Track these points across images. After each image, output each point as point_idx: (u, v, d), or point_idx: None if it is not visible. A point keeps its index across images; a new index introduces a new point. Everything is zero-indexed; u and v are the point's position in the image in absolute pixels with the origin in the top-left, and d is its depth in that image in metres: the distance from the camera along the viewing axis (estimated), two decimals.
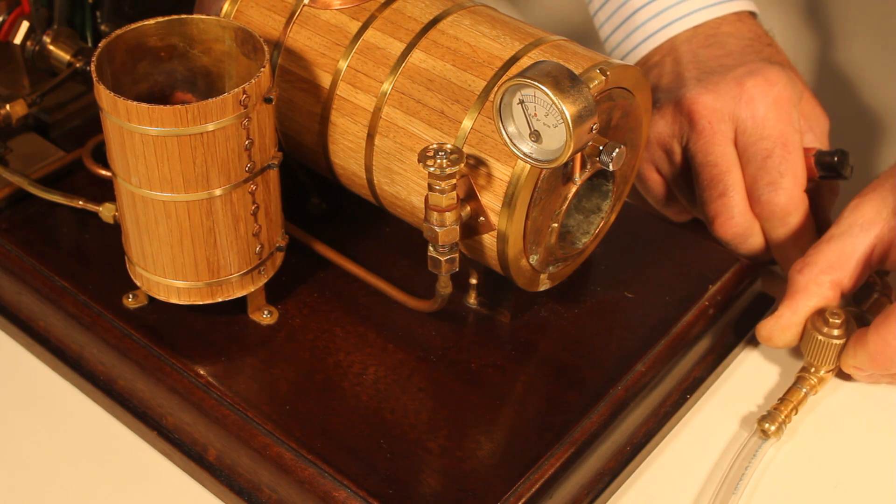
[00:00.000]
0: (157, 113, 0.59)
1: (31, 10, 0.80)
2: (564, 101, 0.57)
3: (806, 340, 0.70)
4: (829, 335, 0.69)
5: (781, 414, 0.68)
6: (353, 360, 0.67)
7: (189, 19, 0.65)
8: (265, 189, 0.65)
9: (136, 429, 0.68)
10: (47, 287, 0.72)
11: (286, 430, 0.63)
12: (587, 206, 0.69)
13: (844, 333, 0.69)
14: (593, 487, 0.65)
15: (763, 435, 0.67)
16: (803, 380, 0.70)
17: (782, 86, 0.75)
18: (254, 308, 0.69)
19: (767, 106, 0.74)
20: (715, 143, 0.75)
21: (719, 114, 0.75)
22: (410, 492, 0.61)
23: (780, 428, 0.67)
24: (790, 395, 0.69)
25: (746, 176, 0.75)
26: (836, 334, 0.69)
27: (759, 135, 0.74)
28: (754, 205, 0.75)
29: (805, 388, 0.69)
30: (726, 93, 0.75)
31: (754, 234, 0.76)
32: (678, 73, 0.78)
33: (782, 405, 0.68)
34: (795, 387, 0.69)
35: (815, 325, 0.69)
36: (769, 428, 0.67)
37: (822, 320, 0.69)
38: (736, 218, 0.75)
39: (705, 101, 0.75)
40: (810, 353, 0.70)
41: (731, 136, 0.75)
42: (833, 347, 0.69)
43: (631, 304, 0.72)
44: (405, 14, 0.67)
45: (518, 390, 0.66)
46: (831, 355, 0.69)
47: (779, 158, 0.74)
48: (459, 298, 0.71)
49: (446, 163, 0.59)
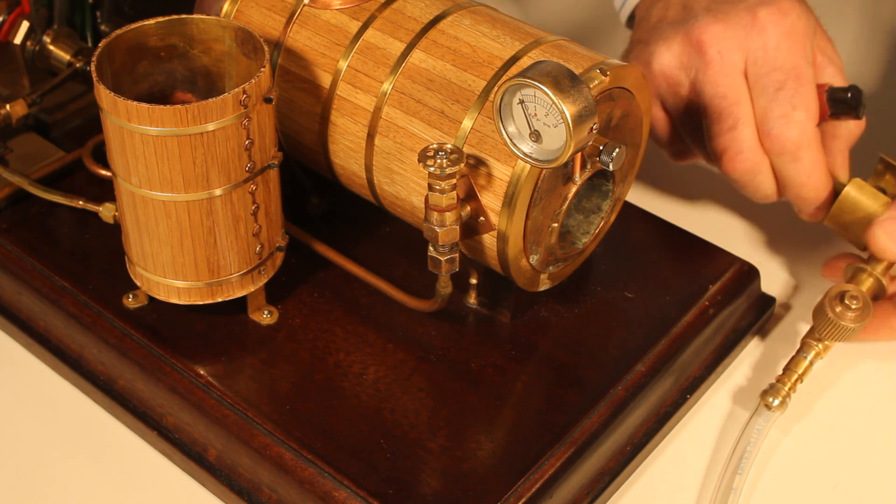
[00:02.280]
0: (157, 113, 0.59)
1: (31, 10, 0.80)
2: (564, 101, 0.57)
3: (818, 311, 0.68)
4: (841, 317, 0.67)
5: (785, 386, 0.66)
6: (353, 360, 0.67)
7: (189, 19, 0.65)
8: (265, 189, 0.65)
9: (136, 429, 0.68)
10: (47, 287, 0.72)
11: (286, 430, 0.63)
12: (587, 206, 0.69)
13: (859, 319, 0.67)
14: (593, 487, 0.65)
15: (767, 408, 0.66)
16: (808, 346, 0.68)
17: (796, 16, 0.72)
18: (254, 308, 0.69)
19: (780, 36, 0.71)
20: (724, 74, 0.72)
21: (730, 43, 0.71)
22: (410, 492, 0.61)
23: (784, 401, 0.66)
24: (794, 364, 0.67)
25: (756, 109, 0.72)
26: (849, 317, 0.67)
27: (770, 66, 0.71)
28: (764, 139, 0.72)
29: (810, 355, 0.68)
30: (737, 22, 0.72)
31: (763, 170, 0.73)
32: (686, 4, 0.75)
33: (785, 376, 0.66)
34: (801, 355, 0.68)
35: (832, 302, 0.67)
36: (772, 402, 0.66)
37: (839, 299, 0.67)
38: (745, 153, 0.72)
39: (715, 30, 0.72)
40: (820, 327, 0.68)
41: (742, 68, 0.72)
42: (843, 330, 0.67)
43: (631, 304, 0.72)
44: (405, 14, 0.67)
45: (518, 390, 0.66)
46: (840, 335, 0.67)
47: (791, 91, 0.71)
48: (459, 298, 0.71)
49: (446, 163, 0.59)
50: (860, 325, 0.68)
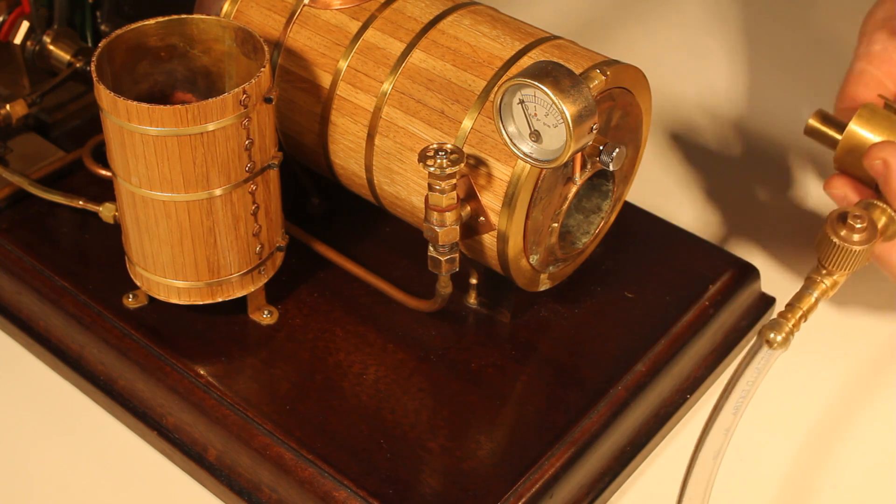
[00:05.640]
0: (157, 113, 0.59)
1: (31, 10, 0.80)
2: (564, 101, 0.57)
3: (822, 241, 0.62)
4: (847, 239, 0.61)
5: (789, 322, 0.60)
6: (353, 360, 0.67)
7: (189, 19, 0.65)
8: (265, 189, 0.65)
9: (136, 429, 0.68)
10: (47, 287, 0.72)
11: (286, 430, 0.63)
12: (587, 206, 0.69)
13: (867, 239, 0.62)
14: (593, 487, 0.65)
15: (768, 345, 0.59)
16: (814, 283, 0.62)
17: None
18: (254, 308, 0.69)
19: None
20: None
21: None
22: (410, 492, 0.61)
23: (787, 338, 0.59)
24: (798, 301, 0.61)
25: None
26: (856, 239, 0.61)
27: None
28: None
29: (816, 292, 0.62)
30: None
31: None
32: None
33: (790, 312, 0.60)
34: (806, 292, 0.62)
35: (834, 226, 0.62)
36: (774, 337, 0.59)
37: (841, 221, 0.62)
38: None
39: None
40: (825, 257, 0.62)
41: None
42: (851, 255, 0.61)
43: (631, 304, 0.72)
44: (405, 14, 0.67)
45: (518, 390, 0.66)
46: (848, 262, 0.62)
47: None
48: (459, 298, 0.71)
49: (446, 163, 0.59)
50: (869, 247, 0.62)
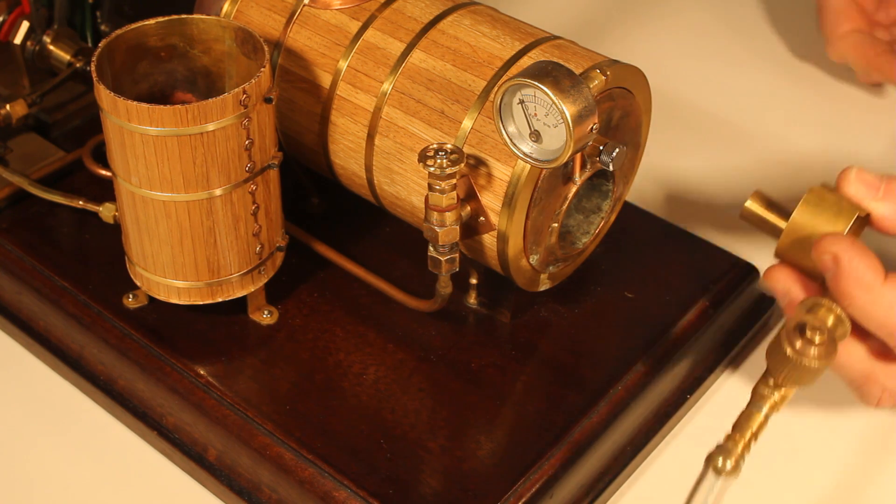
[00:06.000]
0: (157, 113, 0.59)
1: (31, 10, 0.80)
2: (564, 101, 0.57)
3: (774, 350, 0.55)
4: (803, 353, 0.55)
5: (738, 445, 0.55)
6: (353, 360, 0.67)
7: (189, 19, 0.65)
8: (265, 189, 0.65)
9: (136, 429, 0.68)
10: (47, 287, 0.72)
11: (286, 430, 0.63)
12: (587, 206, 0.69)
13: (825, 353, 0.54)
14: (593, 487, 0.65)
15: (716, 472, 0.54)
16: (762, 398, 0.56)
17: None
18: (254, 308, 0.69)
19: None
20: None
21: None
22: (410, 492, 0.61)
23: (737, 464, 0.54)
24: (748, 420, 0.56)
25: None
26: (812, 354, 0.54)
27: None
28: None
29: (765, 408, 0.56)
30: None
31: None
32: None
33: (737, 434, 0.55)
34: (754, 408, 0.56)
35: (790, 336, 0.55)
36: (724, 464, 0.54)
37: (798, 332, 0.55)
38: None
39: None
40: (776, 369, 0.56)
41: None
42: (805, 371, 0.55)
43: (631, 304, 0.72)
44: (405, 14, 0.67)
45: (518, 390, 0.66)
46: (801, 377, 0.55)
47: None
48: (459, 298, 0.71)
49: (446, 163, 0.59)
50: (825, 364, 0.55)
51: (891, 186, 0.60)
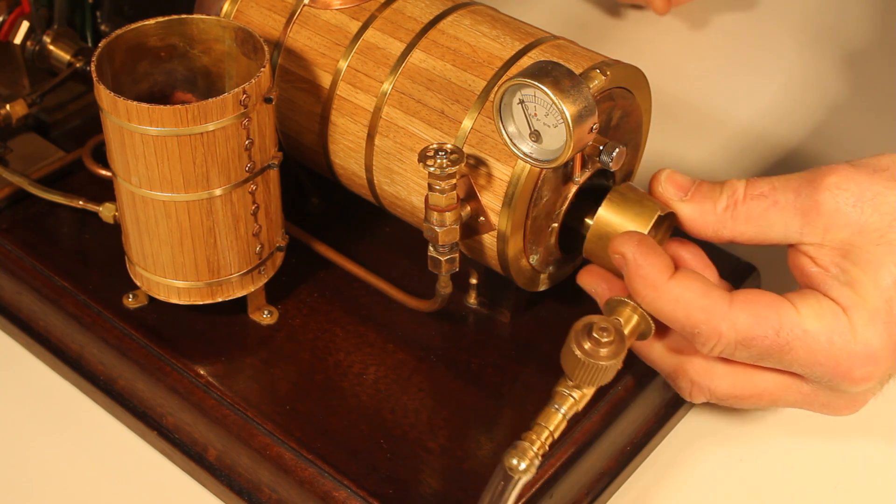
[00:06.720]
0: (157, 113, 0.59)
1: (31, 10, 0.80)
2: (564, 101, 0.57)
3: (566, 354, 0.56)
4: (592, 354, 0.55)
5: (534, 445, 0.55)
6: (353, 360, 0.67)
7: (189, 19, 0.65)
8: (265, 189, 0.65)
9: (136, 429, 0.68)
10: (47, 287, 0.72)
11: (286, 430, 0.63)
12: None
13: (614, 353, 0.55)
14: (593, 487, 0.65)
15: (510, 472, 0.54)
16: (562, 398, 0.56)
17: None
18: (254, 308, 0.69)
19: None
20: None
21: None
22: (410, 492, 0.61)
23: (532, 463, 0.54)
24: (545, 419, 0.56)
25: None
26: (602, 354, 0.55)
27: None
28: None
29: (564, 408, 0.56)
30: None
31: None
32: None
33: (534, 433, 0.55)
34: (552, 408, 0.56)
35: (578, 338, 0.55)
36: (517, 465, 0.54)
37: (586, 332, 0.55)
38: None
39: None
40: (571, 372, 0.56)
41: None
42: (598, 370, 0.55)
43: None
44: (405, 14, 0.67)
45: (518, 390, 0.66)
46: (596, 376, 0.55)
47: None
48: (459, 298, 0.71)
49: (446, 163, 0.59)
50: (617, 361, 0.56)
51: (700, 189, 0.62)
